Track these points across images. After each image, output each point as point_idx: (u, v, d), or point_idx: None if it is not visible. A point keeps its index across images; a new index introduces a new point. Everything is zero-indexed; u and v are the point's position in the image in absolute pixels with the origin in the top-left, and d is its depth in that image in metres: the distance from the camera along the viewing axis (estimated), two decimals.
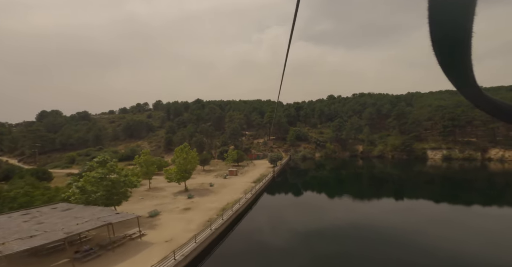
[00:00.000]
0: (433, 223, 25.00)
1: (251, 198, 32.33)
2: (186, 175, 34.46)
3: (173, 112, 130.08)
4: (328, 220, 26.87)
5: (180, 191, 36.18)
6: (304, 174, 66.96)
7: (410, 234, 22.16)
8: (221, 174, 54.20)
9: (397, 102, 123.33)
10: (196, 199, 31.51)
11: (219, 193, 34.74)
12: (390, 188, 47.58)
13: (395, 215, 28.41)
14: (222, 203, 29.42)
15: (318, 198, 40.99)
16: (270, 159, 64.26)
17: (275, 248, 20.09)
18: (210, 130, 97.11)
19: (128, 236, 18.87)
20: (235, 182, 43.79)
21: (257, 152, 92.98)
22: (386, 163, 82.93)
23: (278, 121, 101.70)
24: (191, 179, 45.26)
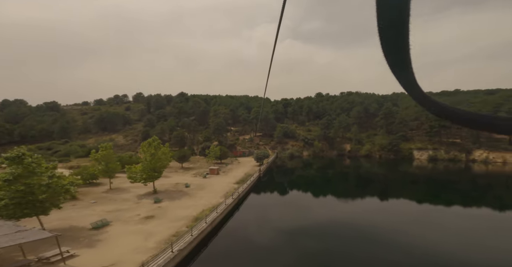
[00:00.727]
0: (413, 223, 25.88)
1: (233, 203, 27.41)
2: (154, 174, 28.78)
3: (154, 105, 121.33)
4: (313, 221, 26.48)
5: (147, 193, 30.44)
6: (291, 173, 63.25)
7: (390, 233, 23.05)
8: (201, 172, 48.73)
9: (383, 102, 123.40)
10: (165, 204, 26.01)
11: (195, 196, 29.44)
12: (375, 188, 46.84)
13: (377, 214, 28.96)
14: (196, 209, 24.22)
15: (305, 199, 38.22)
16: (256, 156, 59.65)
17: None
18: (193, 124, 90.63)
19: (44, 260, 13.31)
20: (215, 183, 38.64)
21: (242, 148, 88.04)
22: (373, 162, 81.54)
23: (265, 117, 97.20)
24: (164, 178, 39.46)
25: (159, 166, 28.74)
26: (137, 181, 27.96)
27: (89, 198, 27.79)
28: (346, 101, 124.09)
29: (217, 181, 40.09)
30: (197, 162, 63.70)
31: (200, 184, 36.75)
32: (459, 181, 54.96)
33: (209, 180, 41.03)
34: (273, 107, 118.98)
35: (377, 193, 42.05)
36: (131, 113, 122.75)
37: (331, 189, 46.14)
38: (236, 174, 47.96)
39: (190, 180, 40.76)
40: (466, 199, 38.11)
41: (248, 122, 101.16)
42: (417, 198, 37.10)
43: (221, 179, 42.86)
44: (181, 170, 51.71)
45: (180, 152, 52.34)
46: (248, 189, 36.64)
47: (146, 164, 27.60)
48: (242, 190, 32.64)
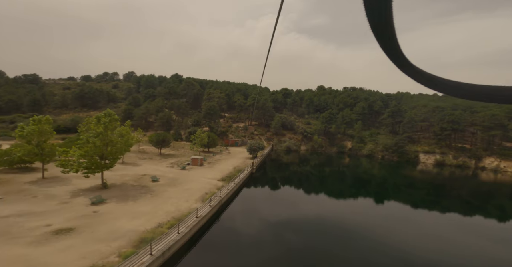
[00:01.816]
0: (405, 229, 24.73)
1: (209, 213, 19.81)
2: (100, 163, 20.86)
3: (144, 84, 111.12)
4: (309, 224, 23.20)
5: (92, 187, 22.65)
6: (286, 168, 56.40)
7: (379, 237, 22.08)
8: (181, 162, 41.05)
9: (388, 100, 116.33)
10: (107, 207, 18.29)
11: (160, 197, 21.87)
12: (372, 191, 43.58)
13: (369, 216, 27.60)
14: (152, 219, 16.70)
15: (306, 200, 32.28)
16: (249, 147, 52.13)
17: None
18: (183, 107, 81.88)
19: None
20: (195, 177, 31.14)
21: (235, 137, 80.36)
22: (375, 163, 75.34)
23: (263, 105, 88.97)
24: (131, 166, 31.71)
25: (111, 151, 20.82)
26: (72, 170, 20.02)
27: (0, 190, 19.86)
28: (350, 96, 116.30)
29: (198, 175, 32.56)
30: (180, 149, 55.89)
31: (174, 178, 29.14)
32: (463, 188, 51.15)
33: (188, 173, 33.43)
34: (272, 96, 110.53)
35: (373, 195, 39.24)
36: (118, 91, 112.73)
37: (332, 191, 40.32)
38: (223, 167, 40.46)
39: (164, 171, 33.06)
40: (466, 208, 36.09)
41: (244, 109, 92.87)
42: (415, 203, 35.26)
43: (204, 172, 35.34)
44: (159, 157, 43.90)
45: (158, 135, 44.28)
46: (235, 189, 29.24)
47: (89, 147, 19.58)
48: (226, 192, 25.09)
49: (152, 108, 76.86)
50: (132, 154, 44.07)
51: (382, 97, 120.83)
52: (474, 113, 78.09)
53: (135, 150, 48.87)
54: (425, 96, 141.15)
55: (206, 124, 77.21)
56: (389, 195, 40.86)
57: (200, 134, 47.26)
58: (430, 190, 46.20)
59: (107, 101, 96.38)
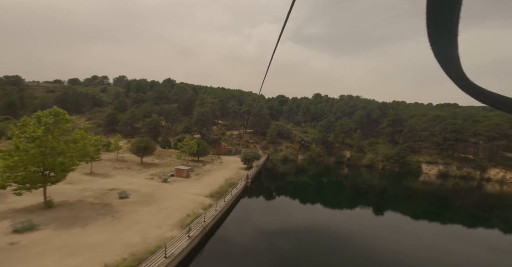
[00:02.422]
0: (407, 242, 23.33)
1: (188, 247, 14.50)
2: (39, 176, 15.72)
3: (134, 89, 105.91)
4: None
5: (31, 206, 16.99)
6: (284, 180, 51.68)
7: (381, 250, 20.47)
8: (165, 172, 35.68)
9: (385, 109, 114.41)
10: (34, 237, 12.60)
11: (121, 221, 16.43)
12: (375, 203, 40.63)
13: (371, 230, 25.61)
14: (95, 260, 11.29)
15: (310, 220, 27.08)
16: (244, 156, 47.15)
17: None
18: (173, 112, 76.84)
19: None
20: (176, 192, 25.91)
21: (228, 145, 75.31)
22: (375, 174, 71.44)
23: (259, 112, 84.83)
24: (101, 177, 26.26)
25: (56, 161, 15.43)
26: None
27: None
28: (347, 104, 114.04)
29: (181, 189, 27.31)
30: (167, 157, 50.39)
31: (150, 194, 23.82)
32: (468, 199, 48.98)
33: (170, 187, 28.10)
34: (268, 103, 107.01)
35: (376, 208, 36.70)
36: (106, 95, 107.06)
37: (342, 207, 36.26)
38: (213, 180, 35.24)
39: (140, 184, 27.64)
40: (472, 220, 34.44)
41: (239, 116, 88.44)
42: (418, 216, 33.22)
43: (190, 185, 30.08)
44: (139, 166, 38.33)
45: (139, 141, 38.96)
46: (226, 208, 24.04)
47: (20, 155, 14.34)
48: (214, 214, 19.81)
49: (139, 113, 71.57)
50: (107, 163, 38.40)
51: (379, 106, 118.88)
52: (476, 122, 75.88)
53: (113, 158, 43.17)
54: (420, 106, 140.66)
55: (198, 131, 72.14)
56: (391, 207, 38.40)
57: (189, 141, 42.15)
58: (434, 202, 43.95)
59: (92, 106, 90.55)
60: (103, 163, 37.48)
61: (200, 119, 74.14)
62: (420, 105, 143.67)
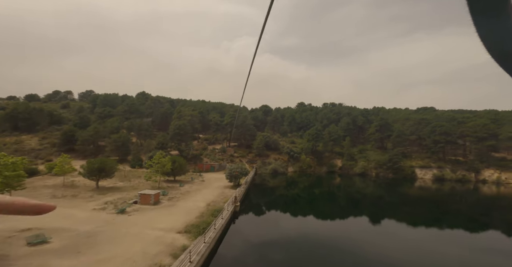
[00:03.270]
0: (400, 251, 21.95)
1: None
2: None
3: (101, 103, 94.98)
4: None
5: None
6: (273, 195, 46.65)
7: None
8: (126, 199, 27.14)
9: (367, 115, 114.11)
10: None
11: None
12: (366, 213, 38.14)
13: (367, 243, 23.29)
14: None
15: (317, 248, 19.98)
16: (229, 173, 39.60)
17: None
18: (145, 127, 67.74)
19: None
20: (134, 228, 17.96)
21: (211, 161, 67.20)
22: (369, 182, 67.62)
23: (243, 123, 78.45)
24: None
25: None
26: None
27: None
28: (332, 111, 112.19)
29: (143, 224, 19.27)
30: (135, 179, 41.35)
31: (89, 234, 15.65)
32: (467, 203, 47.72)
33: (127, 220, 19.89)
34: (252, 113, 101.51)
35: (370, 218, 34.34)
36: (68, 112, 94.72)
37: (329, 218, 33.36)
38: (191, 205, 27.36)
39: (81, 218, 19.17)
40: (471, 225, 33.29)
41: (221, 128, 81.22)
42: (418, 224, 31.68)
43: (157, 216, 22.07)
44: (92, 192, 29.34)
45: (92, 162, 30.27)
46: (209, 252, 16.43)
47: None
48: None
49: (105, 129, 61.70)
50: (47, 190, 29.05)
51: (362, 112, 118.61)
52: (462, 124, 75.90)
53: (60, 183, 33.51)
54: (400, 110, 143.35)
55: (175, 147, 63.50)
56: (388, 216, 35.84)
57: (160, 158, 34.06)
58: (433, 208, 41.94)
59: (50, 123, 78.28)
60: (40, 191, 28.15)
61: (177, 133, 65.76)
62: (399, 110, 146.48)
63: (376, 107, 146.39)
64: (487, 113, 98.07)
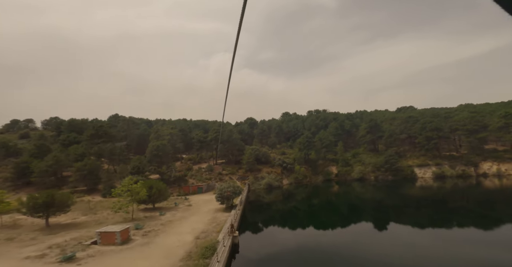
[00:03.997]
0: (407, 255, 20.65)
1: None
2: None
3: (66, 130, 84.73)
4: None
5: None
6: (271, 211, 41.38)
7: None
8: (83, 239, 19.61)
9: (352, 118, 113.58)
10: None
11: None
12: (369, 218, 35.60)
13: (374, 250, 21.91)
14: None
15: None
16: (219, 193, 32.84)
17: None
18: (117, 151, 59.40)
19: None
20: None
21: (198, 182, 59.61)
22: (368, 186, 64.03)
23: (229, 138, 72.55)
24: None
25: None
26: None
27: None
28: (318, 118, 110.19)
29: None
30: (103, 211, 33.18)
31: None
32: (471, 199, 45.99)
33: None
34: (237, 127, 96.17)
35: (376, 226, 31.19)
36: (29, 142, 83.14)
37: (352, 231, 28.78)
38: (173, 241, 20.51)
39: None
40: (482, 221, 31.06)
41: (205, 145, 74.43)
42: (426, 225, 29.89)
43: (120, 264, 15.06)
44: (37, 233, 21.44)
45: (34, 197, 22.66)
46: None
47: None
48: None
49: (67, 157, 52.76)
50: None
51: (348, 117, 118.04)
52: (448, 118, 75.93)
53: None
54: (382, 112, 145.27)
55: (154, 170, 55.52)
56: (396, 221, 33.31)
57: (129, 184, 26.92)
58: (439, 207, 39.78)
59: (5, 156, 67.05)
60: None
61: (155, 155, 58.10)
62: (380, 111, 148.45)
63: (358, 111, 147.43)
64: (466, 107, 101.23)
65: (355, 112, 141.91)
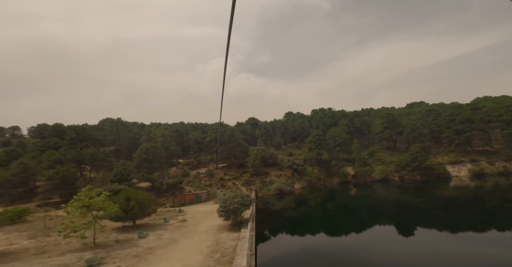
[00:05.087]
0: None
1: None
2: None
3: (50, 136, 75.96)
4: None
5: None
6: (283, 220, 32.30)
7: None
8: None
9: (361, 116, 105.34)
10: None
11: None
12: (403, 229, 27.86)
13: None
14: None
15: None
16: (223, 206, 23.65)
17: None
18: (101, 156, 50.60)
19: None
20: None
21: (196, 189, 50.55)
22: (393, 188, 55.93)
23: (231, 138, 63.92)
24: None
25: None
26: None
27: None
28: (326, 115, 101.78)
29: None
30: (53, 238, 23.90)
31: None
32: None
33: None
34: (239, 127, 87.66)
35: (416, 237, 24.37)
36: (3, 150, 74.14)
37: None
38: None
39: None
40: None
41: (204, 147, 65.66)
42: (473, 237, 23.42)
43: None
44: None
45: None
46: None
47: None
48: None
49: (39, 165, 43.95)
50: None
51: (355, 114, 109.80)
52: (475, 110, 67.45)
53: None
54: (388, 109, 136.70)
55: (143, 177, 46.54)
56: (437, 227, 26.62)
57: (89, 196, 18.13)
58: (486, 212, 32.69)
59: None
60: None
61: (145, 159, 49.28)
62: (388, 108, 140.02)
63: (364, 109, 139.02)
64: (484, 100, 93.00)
65: (361, 110, 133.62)
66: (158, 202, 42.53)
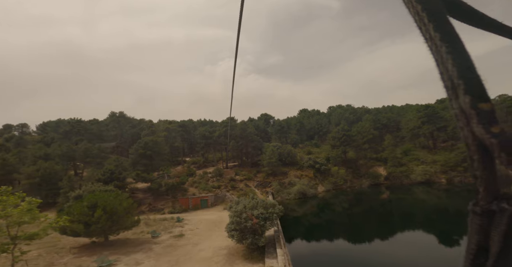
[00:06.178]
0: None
1: None
2: None
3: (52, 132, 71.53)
4: None
5: None
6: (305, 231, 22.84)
7: None
8: None
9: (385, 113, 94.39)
10: None
11: None
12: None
13: None
14: None
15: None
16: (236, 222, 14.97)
17: None
18: (94, 152, 43.97)
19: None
20: None
21: (201, 191, 42.70)
22: (439, 192, 46.17)
23: (242, 133, 55.90)
24: None
25: None
26: None
27: None
28: (347, 111, 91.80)
29: None
30: (35, 244, 16.37)
31: None
32: None
33: None
34: (252, 122, 79.59)
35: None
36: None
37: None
38: None
39: None
40: None
41: (212, 142, 57.97)
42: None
43: None
44: None
45: None
46: None
47: None
48: None
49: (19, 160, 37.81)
50: None
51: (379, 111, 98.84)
52: None
53: None
54: (412, 106, 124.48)
55: (138, 176, 39.27)
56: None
57: (7, 206, 10.46)
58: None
59: None
60: None
61: (143, 155, 42.07)
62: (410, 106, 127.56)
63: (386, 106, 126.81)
64: None
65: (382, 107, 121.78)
66: (155, 207, 35.02)
